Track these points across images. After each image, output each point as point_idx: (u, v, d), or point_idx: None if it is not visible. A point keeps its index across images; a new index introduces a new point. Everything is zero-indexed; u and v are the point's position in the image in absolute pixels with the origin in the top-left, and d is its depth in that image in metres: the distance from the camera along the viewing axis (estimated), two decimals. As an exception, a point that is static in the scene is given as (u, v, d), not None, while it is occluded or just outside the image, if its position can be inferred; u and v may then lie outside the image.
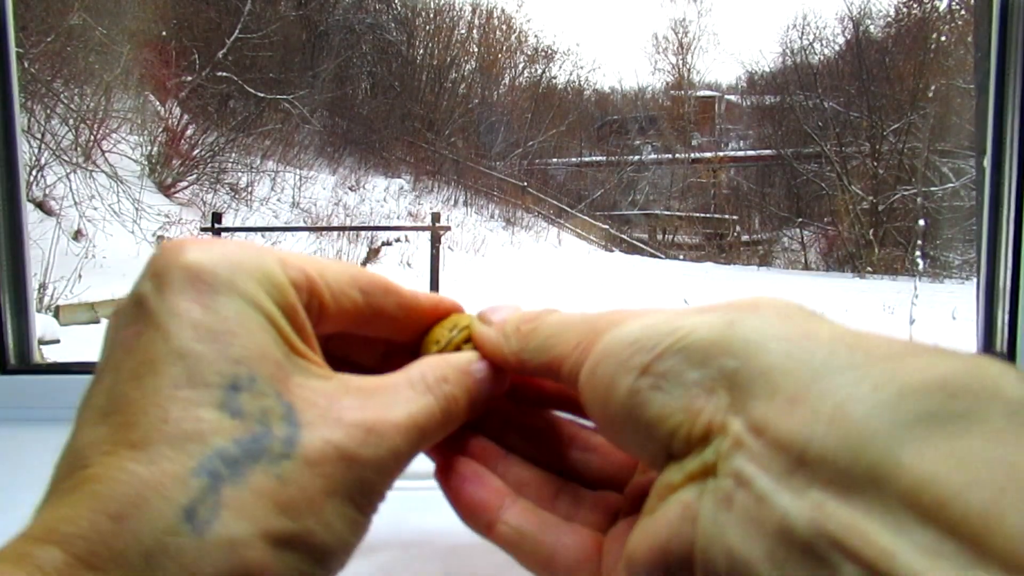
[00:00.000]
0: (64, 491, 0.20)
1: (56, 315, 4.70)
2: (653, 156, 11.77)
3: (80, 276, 5.11)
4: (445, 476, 0.27)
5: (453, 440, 0.28)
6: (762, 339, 0.20)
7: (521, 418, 0.30)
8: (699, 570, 0.19)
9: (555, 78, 12.18)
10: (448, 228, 8.38)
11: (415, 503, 0.40)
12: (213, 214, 7.07)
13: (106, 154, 6.65)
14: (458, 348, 0.28)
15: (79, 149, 6.43)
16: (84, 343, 4.30)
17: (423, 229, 8.44)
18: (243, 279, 0.23)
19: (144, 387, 0.20)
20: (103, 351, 0.23)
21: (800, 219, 10.13)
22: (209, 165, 8.03)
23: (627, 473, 0.28)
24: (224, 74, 8.40)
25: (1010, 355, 0.68)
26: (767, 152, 11.06)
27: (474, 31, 11.58)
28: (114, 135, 6.88)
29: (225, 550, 0.19)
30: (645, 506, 0.22)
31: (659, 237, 11.09)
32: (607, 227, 10.86)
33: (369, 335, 0.29)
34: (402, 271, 7.79)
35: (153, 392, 0.20)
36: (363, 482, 0.22)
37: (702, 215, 11.08)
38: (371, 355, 0.31)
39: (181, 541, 0.18)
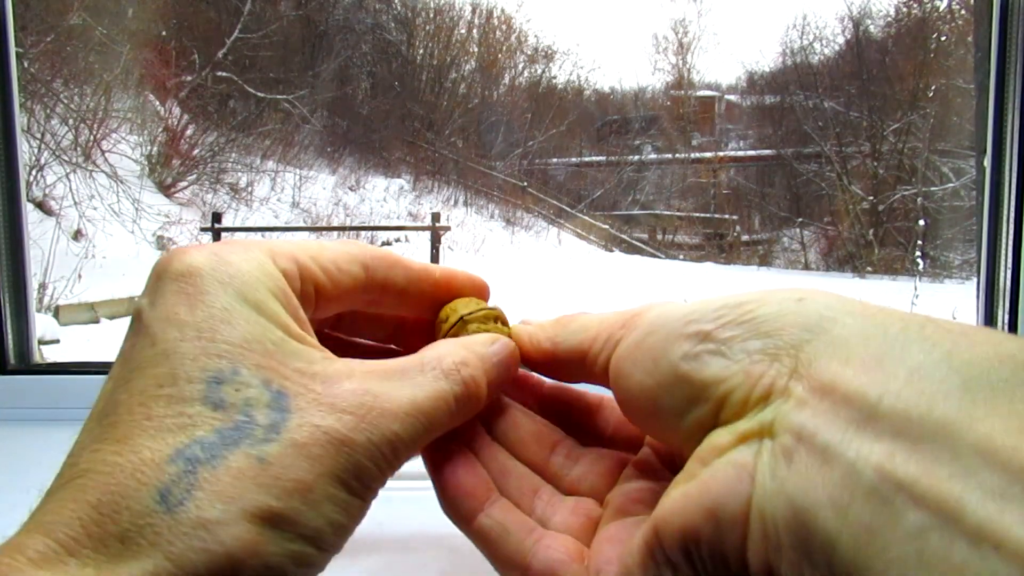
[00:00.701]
0: (55, 489, 0.20)
1: (56, 315, 4.70)
2: (653, 156, 11.76)
3: (80, 276, 5.10)
4: (434, 458, 0.27)
5: None
6: (836, 314, 0.20)
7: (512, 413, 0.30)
8: (755, 526, 0.19)
9: (555, 78, 12.17)
10: (448, 228, 8.38)
11: (417, 501, 0.40)
12: (213, 214, 7.06)
13: (106, 154, 6.64)
14: (465, 324, 0.28)
15: (79, 149, 6.43)
16: (84, 343, 4.30)
17: (423, 229, 8.44)
18: (230, 274, 0.23)
19: (131, 389, 0.21)
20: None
21: (800, 219, 10.12)
22: (209, 165, 8.03)
23: (607, 483, 0.28)
24: (224, 74, 8.39)
25: (1010, 355, 0.68)
26: (767, 152, 11.04)
27: (474, 31, 11.57)
28: (114, 135, 6.87)
29: (199, 528, 0.19)
30: (680, 475, 0.22)
31: (659, 237, 11.08)
32: (607, 227, 10.86)
33: (381, 312, 0.29)
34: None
35: (139, 393, 0.21)
36: (357, 466, 0.22)
37: (702, 215, 11.08)
38: (381, 333, 0.31)
39: (155, 521, 0.19)
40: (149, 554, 0.19)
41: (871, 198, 9.16)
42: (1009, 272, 0.68)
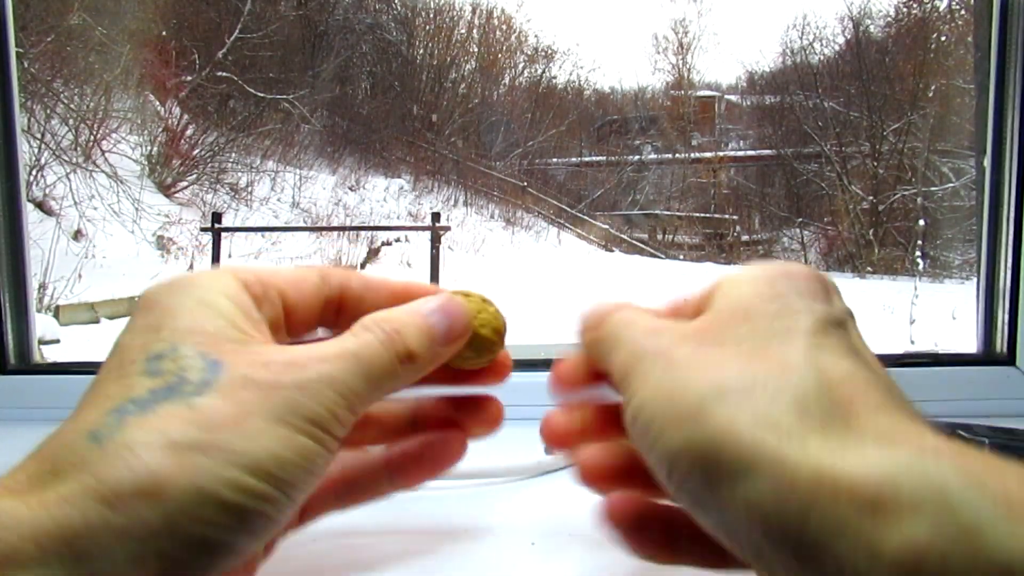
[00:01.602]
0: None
1: (56, 315, 4.70)
2: (653, 156, 11.75)
3: (80, 276, 5.10)
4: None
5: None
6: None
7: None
8: None
9: (555, 78, 12.16)
10: (448, 228, 8.38)
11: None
12: (213, 214, 7.05)
13: (106, 154, 6.64)
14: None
15: (79, 149, 6.43)
16: (84, 343, 4.30)
17: (423, 229, 8.44)
18: (187, 283, 0.26)
19: (94, 384, 0.25)
20: None
21: (800, 219, 10.12)
22: (209, 165, 8.02)
23: None
24: (224, 74, 8.39)
25: (1010, 355, 0.68)
26: (767, 152, 11.04)
27: (474, 31, 11.57)
28: (114, 135, 6.87)
29: (124, 449, 0.21)
30: None
31: (659, 237, 11.07)
32: (607, 227, 10.86)
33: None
34: (402, 271, 7.78)
35: (98, 384, 0.24)
36: (292, 403, 0.23)
37: (702, 215, 11.07)
38: None
39: (84, 454, 0.21)
40: (76, 477, 0.21)
41: (871, 198, 9.16)
42: (1009, 272, 0.68)
